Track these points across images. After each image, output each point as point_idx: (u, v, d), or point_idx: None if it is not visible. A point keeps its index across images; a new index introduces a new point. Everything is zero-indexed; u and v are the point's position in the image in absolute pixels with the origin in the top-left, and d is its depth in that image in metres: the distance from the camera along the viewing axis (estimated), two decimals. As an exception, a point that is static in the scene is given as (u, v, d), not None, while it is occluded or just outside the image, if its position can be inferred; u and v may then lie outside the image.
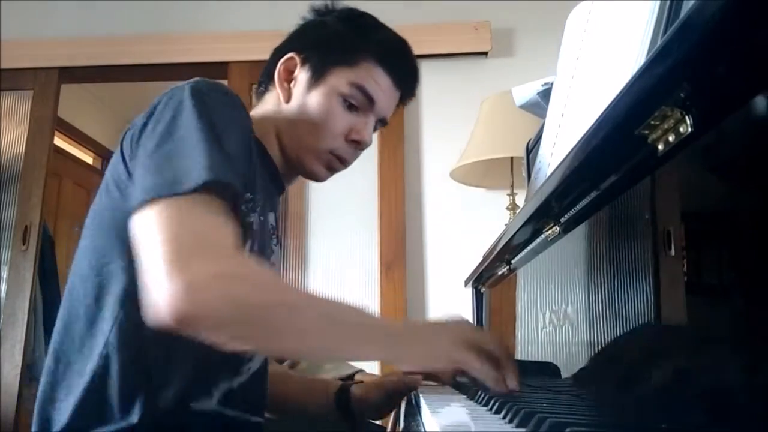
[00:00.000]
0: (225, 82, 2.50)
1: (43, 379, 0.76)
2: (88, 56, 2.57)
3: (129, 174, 0.73)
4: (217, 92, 0.75)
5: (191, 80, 0.76)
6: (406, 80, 0.96)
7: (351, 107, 0.90)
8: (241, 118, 0.77)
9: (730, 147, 0.39)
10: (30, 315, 2.37)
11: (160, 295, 0.59)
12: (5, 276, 2.41)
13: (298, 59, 0.92)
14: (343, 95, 0.89)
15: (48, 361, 0.77)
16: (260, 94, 0.98)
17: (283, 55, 0.93)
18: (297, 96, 0.91)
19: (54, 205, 3.33)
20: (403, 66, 0.95)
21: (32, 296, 2.40)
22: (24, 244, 2.42)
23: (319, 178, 0.95)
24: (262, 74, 0.98)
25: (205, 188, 0.64)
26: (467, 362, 0.68)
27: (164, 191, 0.64)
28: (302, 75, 0.91)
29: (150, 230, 0.63)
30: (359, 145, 0.93)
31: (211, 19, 2.58)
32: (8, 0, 2.64)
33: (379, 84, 0.91)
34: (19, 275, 2.40)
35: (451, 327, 0.73)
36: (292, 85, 0.92)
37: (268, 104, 0.94)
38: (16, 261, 2.41)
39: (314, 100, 0.89)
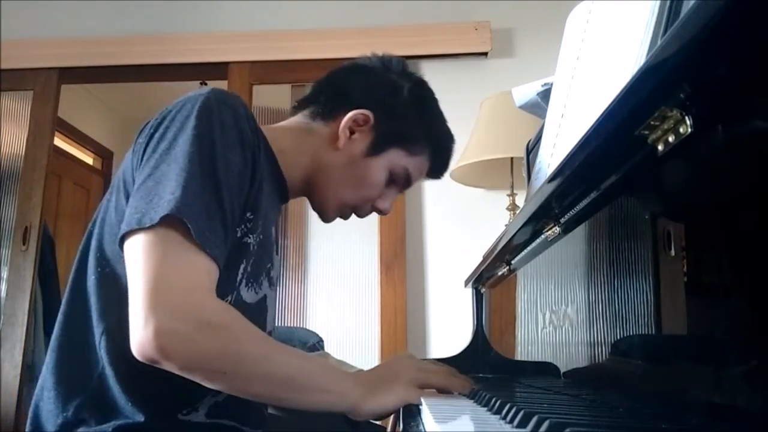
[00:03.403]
0: (225, 83, 2.50)
1: (44, 373, 0.77)
2: (88, 56, 2.57)
3: (134, 181, 0.75)
4: (225, 107, 0.76)
5: (205, 91, 0.77)
6: (441, 172, 1.04)
7: (390, 181, 0.97)
8: (246, 136, 0.77)
9: (729, 147, 0.39)
10: (30, 315, 2.38)
11: (133, 335, 0.64)
12: (5, 276, 2.41)
13: (371, 121, 0.92)
14: (392, 173, 0.96)
15: (48, 357, 0.78)
16: (303, 114, 0.97)
17: (353, 102, 0.93)
18: (352, 151, 0.93)
19: (54, 205, 3.34)
20: (446, 163, 1.03)
21: (32, 296, 2.40)
22: (24, 245, 2.42)
23: (327, 220, 1.00)
24: (317, 99, 0.97)
25: (166, 222, 0.66)
26: (416, 400, 0.75)
27: (135, 224, 0.67)
28: (365, 135, 0.93)
29: (129, 265, 0.68)
30: (380, 212, 1.00)
31: (211, 19, 2.59)
32: (8, 0, 2.65)
33: (422, 174, 1.00)
34: (19, 275, 2.40)
35: (400, 371, 0.80)
36: (354, 137, 0.93)
37: (316, 136, 0.94)
38: (16, 261, 2.41)
39: (368, 167, 0.93)
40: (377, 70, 0.99)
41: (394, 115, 0.95)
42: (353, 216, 1.02)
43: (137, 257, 0.66)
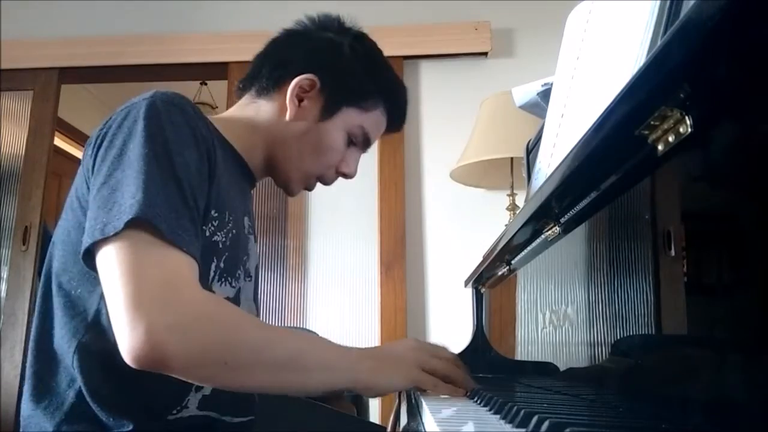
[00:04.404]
0: (225, 83, 2.50)
1: (24, 402, 0.76)
2: (88, 56, 2.57)
3: (89, 190, 0.72)
4: (173, 107, 0.73)
5: (149, 94, 0.74)
6: (400, 124, 1.02)
7: (350, 143, 0.95)
8: (199, 133, 0.75)
9: (729, 147, 0.39)
10: (30, 315, 2.37)
11: (123, 343, 0.60)
12: (5, 276, 2.41)
13: (318, 85, 0.91)
14: (349, 134, 0.94)
15: (26, 386, 0.76)
16: (249, 94, 0.96)
17: (295, 69, 0.91)
18: (304, 120, 0.91)
19: (54, 205, 3.33)
20: (402, 114, 1.01)
21: (32, 296, 2.40)
22: (24, 244, 2.42)
23: (293, 194, 0.99)
24: (259, 75, 0.95)
25: (132, 227, 0.63)
26: (425, 383, 0.76)
27: (99, 235, 0.64)
28: (315, 100, 0.91)
29: (103, 277, 0.64)
30: (346, 176, 0.98)
31: (211, 19, 2.59)
32: (8, 0, 2.65)
33: (380, 129, 0.98)
34: (19, 275, 2.40)
35: (407, 351, 0.78)
36: (303, 104, 0.91)
37: (265, 112, 0.93)
38: (16, 261, 2.41)
39: (324, 132, 0.92)
40: (313, 32, 0.96)
41: (339, 74, 0.92)
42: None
43: (109, 266, 0.63)
